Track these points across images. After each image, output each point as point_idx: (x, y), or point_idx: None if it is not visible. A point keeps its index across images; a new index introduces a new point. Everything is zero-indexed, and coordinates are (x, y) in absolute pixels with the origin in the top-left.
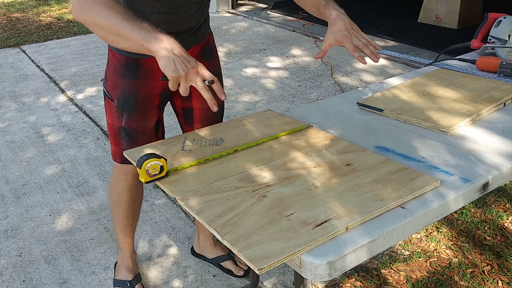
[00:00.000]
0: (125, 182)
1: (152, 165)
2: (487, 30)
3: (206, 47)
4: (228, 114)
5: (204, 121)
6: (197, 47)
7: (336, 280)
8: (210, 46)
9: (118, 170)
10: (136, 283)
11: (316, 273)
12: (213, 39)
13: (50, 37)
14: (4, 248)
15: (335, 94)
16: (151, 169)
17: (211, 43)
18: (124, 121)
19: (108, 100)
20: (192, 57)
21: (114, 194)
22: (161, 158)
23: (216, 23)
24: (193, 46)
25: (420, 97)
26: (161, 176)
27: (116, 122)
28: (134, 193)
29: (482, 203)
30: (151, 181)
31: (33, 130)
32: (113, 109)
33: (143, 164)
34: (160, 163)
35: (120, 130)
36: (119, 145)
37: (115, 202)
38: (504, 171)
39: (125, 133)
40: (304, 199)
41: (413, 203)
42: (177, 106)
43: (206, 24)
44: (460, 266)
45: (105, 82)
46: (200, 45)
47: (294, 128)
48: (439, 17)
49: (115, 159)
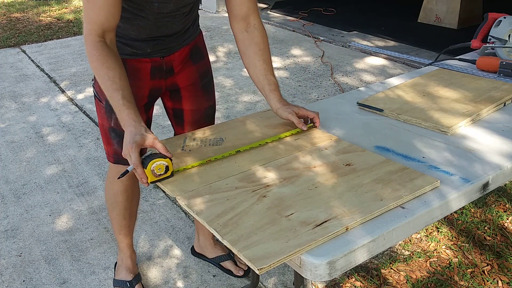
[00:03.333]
0: (120, 183)
1: (158, 165)
2: (487, 30)
3: (194, 48)
4: (228, 114)
5: (195, 122)
6: (185, 49)
7: (336, 280)
8: (199, 48)
9: (113, 171)
10: (136, 283)
11: (316, 273)
12: (202, 40)
13: (50, 37)
14: (4, 248)
15: (335, 94)
16: (156, 169)
17: (200, 44)
18: (114, 122)
19: (97, 100)
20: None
21: (111, 196)
22: (166, 158)
23: (216, 23)
24: (180, 49)
25: (420, 97)
26: (166, 176)
27: (106, 123)
28: (130, 194)
29: (482, 203)
30: (156, 181)
31: (33, 130)
32: (102, 109)
33: (148, 164)
34: (165, 163)
35: (110, 131)
36: (111, 145)
37: (111, 204)
38: (504, 171)
39: (115, 134)
40: (304, 199)
41: (413, 203)
42: (168, 107)
43: (195, 25)
44: (460, 266)
45: (94, 82)
46: (188, 47)
47: (297, 129)
48: (439, 17)
49: (109, 159)
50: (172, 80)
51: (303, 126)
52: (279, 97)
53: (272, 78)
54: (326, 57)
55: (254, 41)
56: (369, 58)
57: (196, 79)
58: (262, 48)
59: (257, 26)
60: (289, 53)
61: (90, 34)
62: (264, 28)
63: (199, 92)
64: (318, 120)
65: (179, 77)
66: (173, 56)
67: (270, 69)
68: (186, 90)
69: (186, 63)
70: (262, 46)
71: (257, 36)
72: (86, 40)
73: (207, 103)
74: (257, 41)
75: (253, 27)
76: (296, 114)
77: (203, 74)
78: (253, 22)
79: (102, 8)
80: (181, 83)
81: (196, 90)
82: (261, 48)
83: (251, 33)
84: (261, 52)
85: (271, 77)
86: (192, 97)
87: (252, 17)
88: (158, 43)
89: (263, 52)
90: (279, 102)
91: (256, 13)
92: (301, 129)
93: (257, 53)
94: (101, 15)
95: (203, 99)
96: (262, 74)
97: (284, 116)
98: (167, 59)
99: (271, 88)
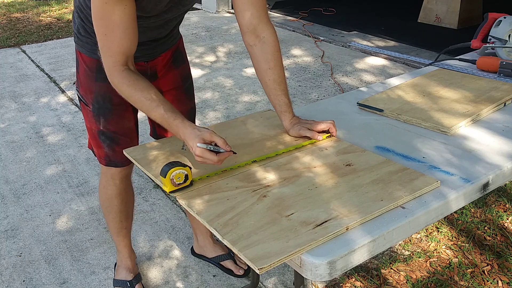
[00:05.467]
0: (114, 187)
1: (177, 174)
2: (487, 30)
3: (176, 53)
4: (228, 114)
5: (175, 101)
6: (168, 53)
7: (336, 280)
8: (181, 52)
9: (106, 175)
10: (136, 283)
11: (317, 273)
12: (183, 44)
13: (50, 37)
14: (4, 248)
15: (335, 94)
16: (176, 177)
17: (181, 48)
18: (102, 125)
19: (84, 105)
20: None
21: (105, 200)
22: (186, 167)
23: (216, 23)
24: (163, 53)
25: (420, 97)
26: (185, 185)
27: (94, 126)
28: (125, 197)
29: (482, 203)
30: (176, 190)
31: (33, 130)
32: (89, 113)
33: (167, 173)
34: (185, 171)
35: (100, 134)
36: (101, 148)
37: (106, 208)
38: (504, 171)
39: (105, 137)
40: (305, 199)
41: (413, 203)
42: None
43: (177, 29)
44: (460, 266)
45: (78, 86)
46: (170, 50)
47: (313, 140)
48: (439, 17)
49: (101, 161)
50: (156, 84)
51: (318, 136)
52: (290, 117)
53: (283, 98)
54: (326, 57)
55: (264, 58)
56: (369, 58)
57: (178, 83)
58: (272, 66)
59: (267, 39)
60: (289, 53)
61: (115, 66)
62: (276, 38)
63: (182, 96)
64: (334, 128)
65: (162, 81)
66: (157, 61)
67: (282, 87)
68: (169, 94)
69: (169, 68)
70: (272, 64)
71: (266, 53)
72: (111, 73)
73: (189, 106)
74: (267, 58)
75: (262, 41)
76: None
77: (184, 78)
78: (262, 35)
79: (123, 38)
80: (164, 87)
81: (179, 94)
82: (271, 67)
83: (261, 48)
84: (271, 71)
85: (282, 97)
86: (175, 101)
87: (260, 27)
88: (144, 48)
89: (273, 70)
90: (290, 123)
91: (264, 22)
92: (316, 140)
93: (267, 72)
94: (123, 46)
95: (185, 102)
96: (273, 94)
97: (295, 134)
98: (151, 63)
99: (282, 110)
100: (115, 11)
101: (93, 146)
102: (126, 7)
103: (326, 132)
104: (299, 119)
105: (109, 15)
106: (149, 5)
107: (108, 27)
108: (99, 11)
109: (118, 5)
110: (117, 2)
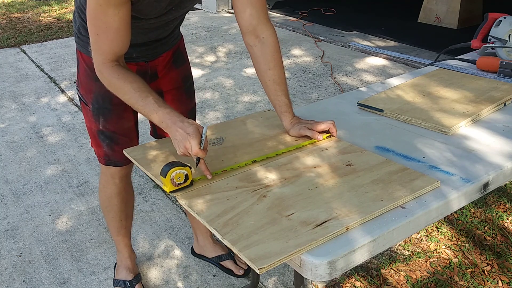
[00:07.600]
0: (114, 186)
1: (177, 174)
2: (487, 30)
3: (177, 53)
4: (228, 114)
5: (175, 101)
6: (169, 54)
7: (336, 280)
8: (181, 52)
9: (106, 174)
10: (136, 283)
11: (317, 273)
12: (183, 44)
13: (50, 37)
14: (4, 248)
15: (335, 94)
16: (176, 177)
17: (182, 48)
18: (102, 125)
19: (84, 104)
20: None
21: (105, 199)
22: (186, 167)
23: (216, 23)
24: (164, 53)
25: (420, 97)
26: (185, 185)
27: (94, 126)
28: (125, 196)
29: (482, 203)
30: (176, 190)
31: (33, 130)
32: (89, 113)
33: (167, 173)
34: (185, 171)
35: (99, 134)
36: (101, 147)
37: (106, 207)
38: (505, 171)
39: (105, 136)
40: (305, 199)
41: (414, 203)
42: None
43: (177, 29)
44: (460, 266)
45: (78, 85)
46: (171, 51)
47: (313, 140)
48: (439, 17)
49: (100, 161)
50: (156, 84)
51: (318, 136)
52: (290, 117)
53: (283, 99)
54: (326, 57)
55: (264, 58)
56: (369, 58)
57: (179, 83)
58: (272, 67)
59: (267, 39)
60: (289, 53)
61: (104, 63)
62: (275, 39)
63: (183, 96)
64: (334, 129)
65: (162, 81)
66: (157, 61)
67: (282, 88)
68: (169, 94)
69: (170, 68)
70: (272, 64)
71: (266, 53)
72: (101, 69)
73: (189, 106)
74: (266, 58)
75: (262, 41)
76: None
77: (185, 78)
78: (262, 35)
79: (114, 40)
80: (165, 87)
81: (180, 94)
82: (271, 67)
83: (261, 48)
84: (271, 71)
85: (282, 97)
86: (176, 100)
87: (260, 27)
88: (145, 48)
89: (273, 71)
90: (290, 123)
91: (264, 22)
92: (317, 139)
93: (266, 72)
94: (114, 46)
95: (186, 102)
96: (273, 94)
97: (295, 134)
98: (151, 63)
99: (282, 110)
100: (109, 14)
101: (93, 145)
102: (120, 11)
103: (326, 132)
104: (299, 119)
105: (102, 16)
106: (147, 9)
107: (101, 28)
108: (93, 12)
109: (112, 8)
110: (110, 6)
